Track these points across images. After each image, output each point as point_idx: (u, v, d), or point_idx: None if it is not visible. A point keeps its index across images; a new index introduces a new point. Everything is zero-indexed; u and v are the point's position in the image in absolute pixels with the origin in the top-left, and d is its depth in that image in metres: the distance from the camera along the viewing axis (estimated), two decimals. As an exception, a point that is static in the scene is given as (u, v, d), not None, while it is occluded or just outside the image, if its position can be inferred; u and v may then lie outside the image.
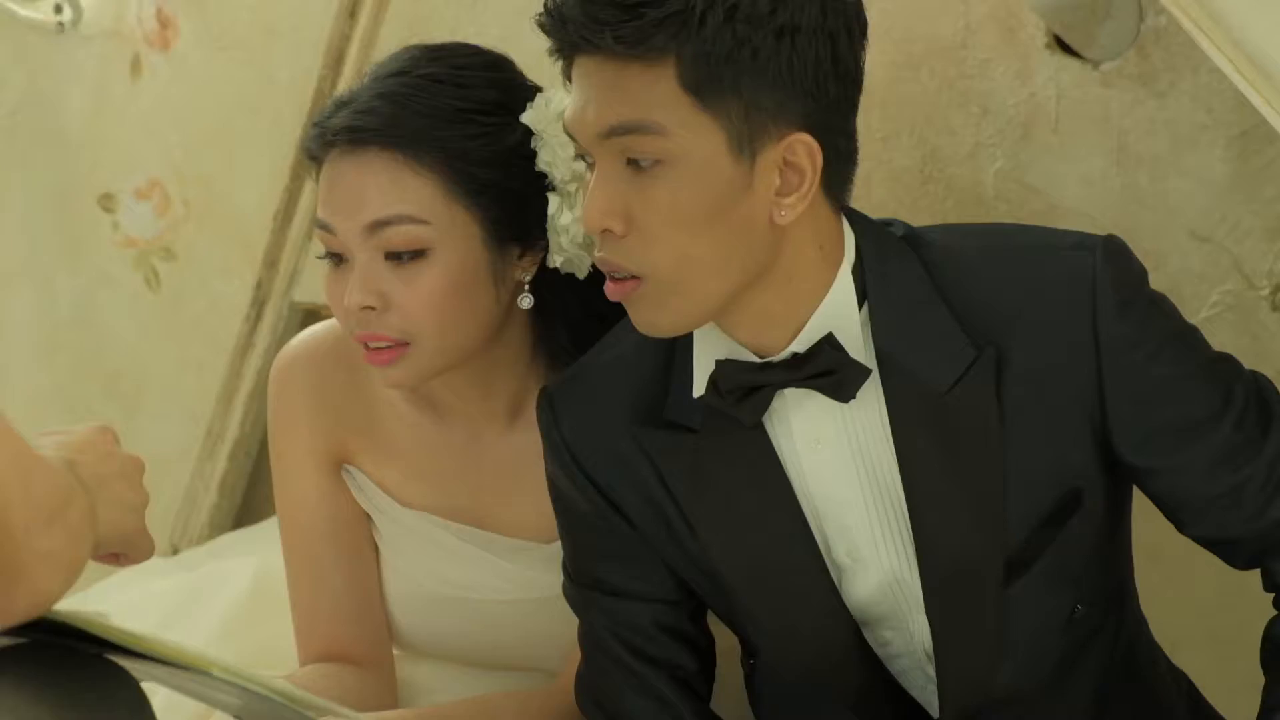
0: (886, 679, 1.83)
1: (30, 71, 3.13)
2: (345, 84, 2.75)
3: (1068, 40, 2.22)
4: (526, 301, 1.95)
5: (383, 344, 1.89)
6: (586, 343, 1.90)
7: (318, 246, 1.94)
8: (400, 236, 1.88)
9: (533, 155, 1.91)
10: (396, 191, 1.88)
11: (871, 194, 2.26)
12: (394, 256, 1.88)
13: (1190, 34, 1.80)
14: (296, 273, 2.88)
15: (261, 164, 2.91)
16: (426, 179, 1.88)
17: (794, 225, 1.65)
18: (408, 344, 1.89)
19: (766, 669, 1.88)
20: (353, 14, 2.81)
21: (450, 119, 1.89)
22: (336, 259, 1.92)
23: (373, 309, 1.88)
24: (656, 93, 1.61)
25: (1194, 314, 2.13)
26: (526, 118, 1.91)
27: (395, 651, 2.15)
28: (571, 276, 1.95)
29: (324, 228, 1.91)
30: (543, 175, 1.91)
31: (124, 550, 1.56)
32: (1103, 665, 1.81)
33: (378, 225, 1.88)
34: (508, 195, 1.90)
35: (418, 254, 1.88)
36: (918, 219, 1.79)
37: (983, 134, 2.28)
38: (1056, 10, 2.16)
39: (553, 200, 1.91)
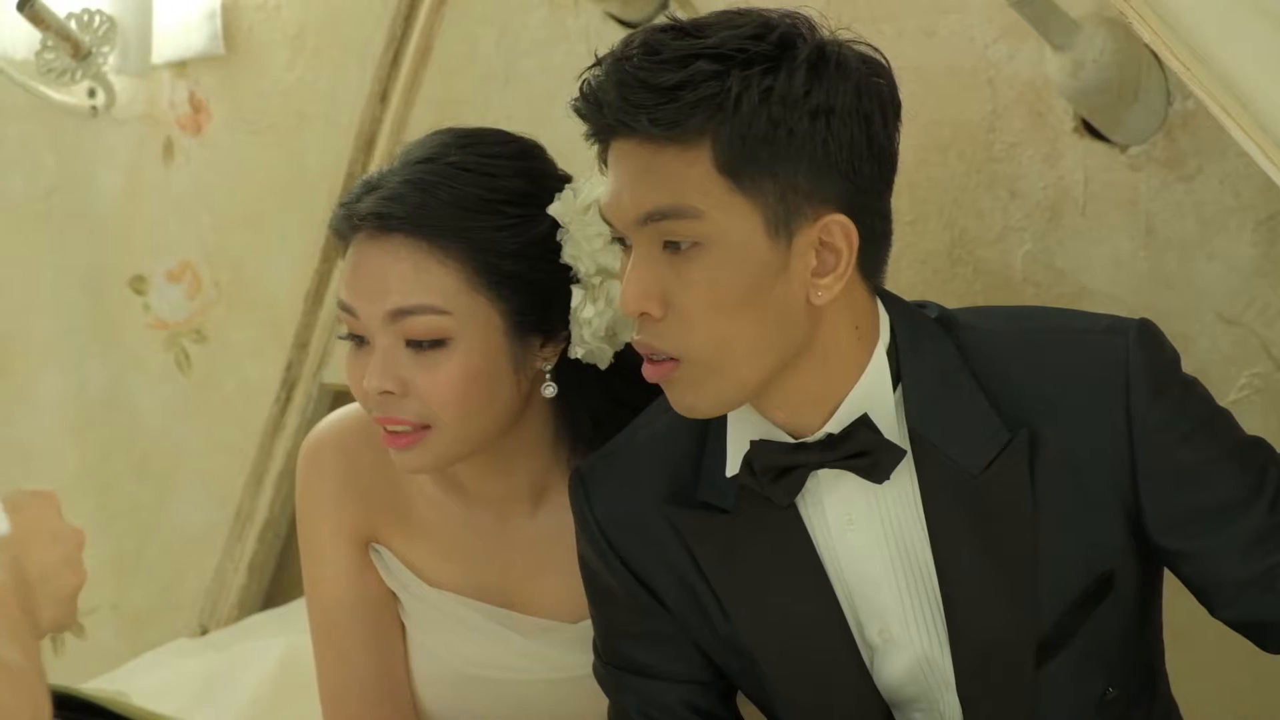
0: (917, 762, 1.83)
1: (63, 155, 3.16)
2: (376, 168, 2.77)
3: (1095, 124, 2.23)
4: (550, 390, 1.94)
5: (402, 428, 1.90)
6: (609, 427, 1.91)
7: (343, 327, 1.95)
8: (421, 325, 1.88)
9: (558, 248, 1.90)
10: (419, 281, 1.87)
11: (900, 276, 2.27)
12: (415, 344, 1.89)
13: (1218, 118, 1.81)
14: (326, 354, 2.89)
15: (292, 247, 2.93)
16: (450, 269, 1.87)
17: (830, 306, 1.66)
18: (428, 428, 1.90)
19: (797, 751, 1.87)
20: (383, 99, 2.83)
21: (477, 209, 1.89)
22: (358, 340, 1.92)
23: (392, 394, 1.89)
24: (692, 176, 1.62)
25: (1222, 396, 2.13)
26: (554, 209, 1.90)
27: (423, 733, 2.15)
28: (593, 366, 1.95)
29: (346, 310, 1.91)
30: (567, 267, 1.91)
31: (54, 633, 1.51)
32: (1134, 749, 1.80)
33: (400, 314, 1.87)
34: (531, 287, 1.90)
35: (438, 343, 1.89)
36: (946, 302, 1.79)
37: (1011, 217, 2.29)
38: (1084, 94, 2.17)
39: (576, 293, 1.90)
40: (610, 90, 1.62)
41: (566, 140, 1.97)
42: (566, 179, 1.94)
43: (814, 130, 1.61)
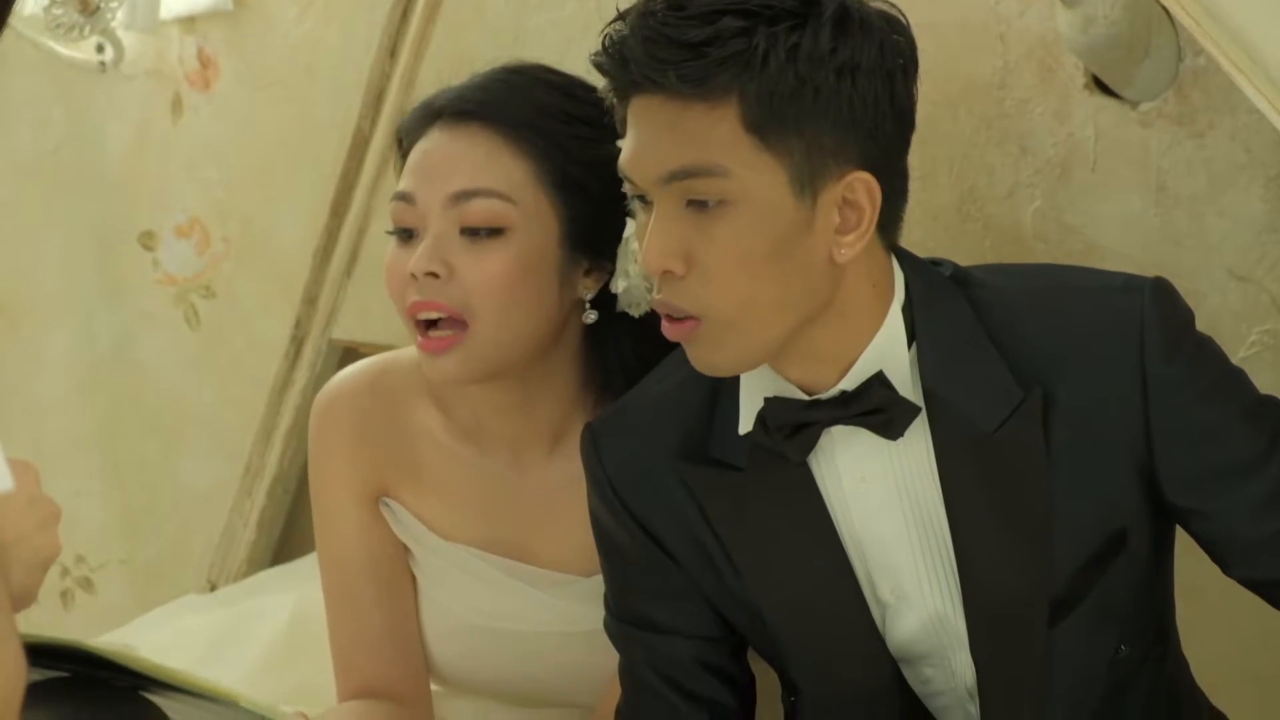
0: (927, 717, 1.83)
1: (72, 110, 3.15)
2: (385, 123, 2.76)
3: (1106, 80, 2.22)
4: (591, 316, 1.96)
5: (438, 314, 1.90)
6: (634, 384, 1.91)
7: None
8: (484, 210, 1.91)
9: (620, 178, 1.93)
10: (490, 165, 1.92)
11: (910, 232, 2.25)
12: (470, 233, 1.91)
13: (1229, 75, 1.80)
14: (335, 310, 2.89)
15: (301, 202, 2.92)
16: (521, 161, 1.92)
17: (850, 263, 1.66)
18: (465, 326, 1.90)
19: (807, 706, 1.87)
20: (393, 53, 2.82)
21: (556, 115, 1.94)
22: (405, 235, 1.94)
23: (436, 276, 1.90)
24: (719, 133, 1.61)
25: (1233, 353, 2.12)
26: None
27: (434, 687, 2.15)
28: (627, 317, 1.96)
29: (404, 198, 1.94)
30: (625, 197, 1.92)
31: (18, 607, 1.51)
32: (1145, 706, 1.80)
33: (464, 195, 1.91)
34: (592, 201, 1.93)
35: (495, 233, 1.91)
36: (955, 258, 1.79)
37: (1021, 173, 2.29)
38: (1095, 50, 2.16)
39: (630, 224, 1.93)
40: (637, 46, 1.62)
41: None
42: None
43: (839, 88, 1.61)
